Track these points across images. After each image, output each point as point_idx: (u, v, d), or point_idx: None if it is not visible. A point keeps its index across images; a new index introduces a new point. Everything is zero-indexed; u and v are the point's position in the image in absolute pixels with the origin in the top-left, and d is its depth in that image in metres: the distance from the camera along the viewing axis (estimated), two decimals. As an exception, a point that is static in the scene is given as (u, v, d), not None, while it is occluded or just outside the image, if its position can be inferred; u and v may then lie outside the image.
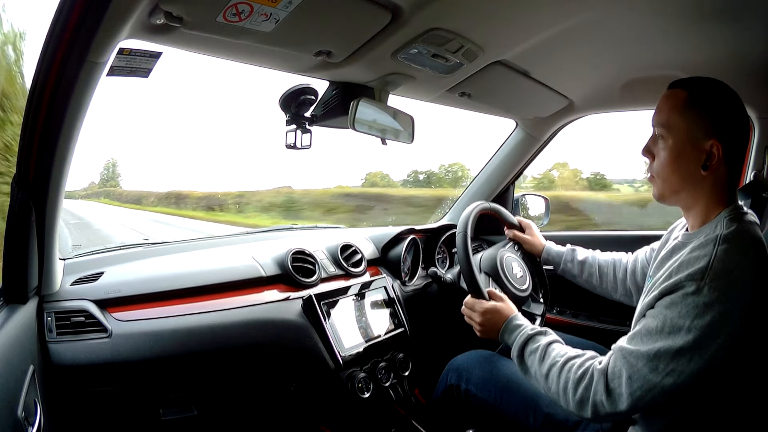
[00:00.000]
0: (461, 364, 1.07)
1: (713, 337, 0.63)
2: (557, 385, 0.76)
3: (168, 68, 0.86)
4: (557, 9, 0.79)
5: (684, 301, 0.65)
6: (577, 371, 0.74)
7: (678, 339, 0.64)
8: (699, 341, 0.63)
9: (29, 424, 0.65)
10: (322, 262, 1.21)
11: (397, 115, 1.07)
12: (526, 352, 0.83)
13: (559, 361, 0.77)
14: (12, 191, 0.73)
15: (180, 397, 0.99)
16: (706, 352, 0.63)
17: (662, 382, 0.64)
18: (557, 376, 0.76)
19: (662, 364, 0.64)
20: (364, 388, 1.11)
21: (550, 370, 0.77)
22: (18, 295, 0.79)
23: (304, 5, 0.65)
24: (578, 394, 0.72)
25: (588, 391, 0.71)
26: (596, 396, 0.70)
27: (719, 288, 0.63)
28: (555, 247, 1.19)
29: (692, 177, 0.72)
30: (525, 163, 1.66)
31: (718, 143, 0.69)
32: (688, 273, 0.66)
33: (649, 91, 1.19)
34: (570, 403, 0.73)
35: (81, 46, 0.58)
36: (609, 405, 0.69)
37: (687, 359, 0.63)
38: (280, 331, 1.04)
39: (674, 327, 0.65)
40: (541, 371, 0.79)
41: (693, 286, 0.64)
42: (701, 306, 0.63)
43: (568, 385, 0.74)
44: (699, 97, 0.72)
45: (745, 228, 0.69)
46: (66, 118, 0.66)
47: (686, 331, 0.63)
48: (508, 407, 0.95)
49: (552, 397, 0.78)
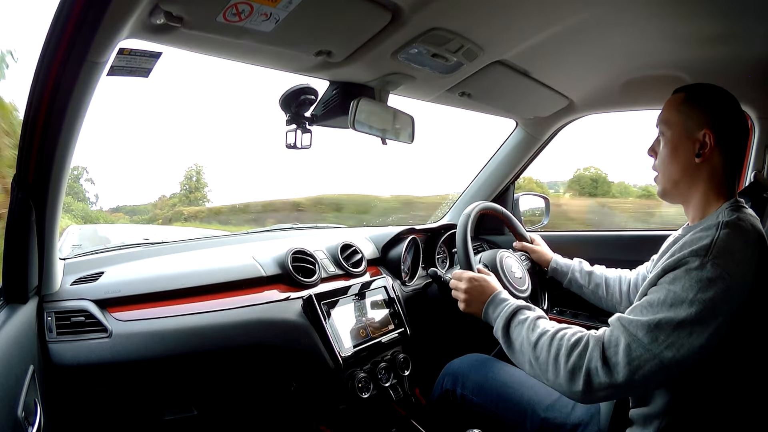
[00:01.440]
0: (457, 368, 1.07)
1: (715, 313, 0.62)
2: (547, 353, 0.72)
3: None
4: (557, 9, 0.79)
5: (687, 275, 0.65)
6: (571, 338, 0.72)
7: (680, 311, 0.63)
8: (701, 315, 0.62)
9: (29, 424, 0.65)
10: (322, 261, 1.21)
11: (397, 115, 1.07)
12: (513, 323, 0.81)
13: (550, 330, 0.75)
14: (12, 191, 0.72)
15: (180, 397, 0.99)
16: (707, 328, 0.62)
17: (662, 354, 0.63)
18: (548, 344, 0.73)
19: (662, 335, 0.64)
20: (365, 388, 1.11)
21: (540, 339, 0.75)
22: (18, 294, 0.79)
23: (304, 5, 0.65)
24: (571, 361, 0.69)
25: (582, 358, 0.68)
26: (591, 363, 0.67)
27: (722, 265, 0.64)
28: (563, 260, 1.20)
29: (688, 166, 0.76)
30: (525, 163, 1.66)
31: (710, 132, 0.74)
32: (692, 249, 0.66)
33: (649, 91, 1.19)
34: (560, 372, 0.70)
35: (81, 45, 0.58)
36: (604, 374, 0.66)
37: (688, 332, 0.63)
38: (280, 331, 1.04)
39: (677, 299, 0.64)
40: (529, 340, 0.76)
41: (696, 261, 0.65)
42: (704, 281, 0.63)
43: (560, 353, 0.71)
44: (695, 95, 0.78)
45: (747, 218, 0.71)
46: (66, 118, 0.66)
47: (689, 303, 0.63)
48: (504, 412, 0.95)
49: (538, 371, 0.74)
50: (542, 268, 1.24)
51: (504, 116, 1.53)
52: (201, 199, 18.65)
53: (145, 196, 24.33)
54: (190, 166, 23.32)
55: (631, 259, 1.17)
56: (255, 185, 38.25)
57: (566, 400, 0.91)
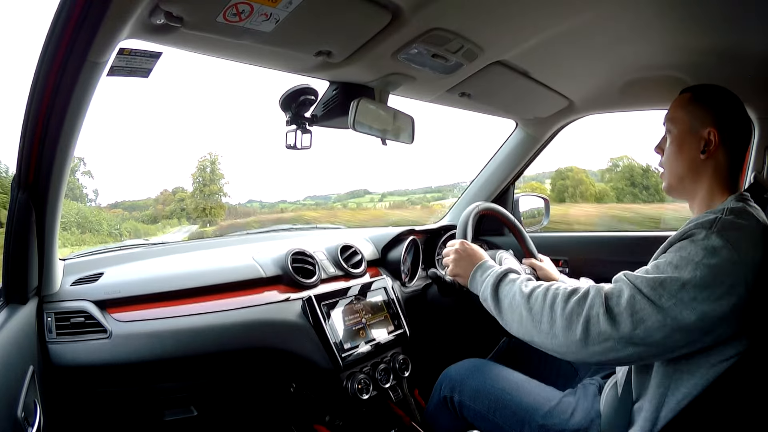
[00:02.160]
0: (454, 375, 1.05)
1: (719, 281, 0.62)
2: (542, 302, 0.70)
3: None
4: (557, 9, 0.79)
5: (693, 244, 0.65)
6: (568, 288, 0.70)
7: (685, 272, 0.63)
8: (705, 279, 0.62)
9: (29, 425, 0.65)
10: (322, 262, 1.21)
11: (397, 116, 1.07)
12: (504, 282, 0.80)
13: (545, 284, 0.74)
14: (12, 191, 0.72)
15: (180, 398, 0.99)
16: (710, 295, 0.62)
17: (665, 310, 0.63)
18: (543, 294, 0.71)
19: (667, 293, 0.63)
20: (364, 389, 1.11)
21: (535, 290, 0.73)
22: (18, 295, 0.79)
23: (304, 5, 0.65)
24: (569, 307, 0.67)
25: (581, 305, 0.66)
26: (592, 310, 0.65)
27: (728, 236, 0.64)
28: (569, 280, 1.19)
29: (693, 162, 0.77)
30: (525, 164, 1.66)
31: (715, 130, 0.75)
32: (697, 223, 0.68)
33: (649, 91, 1.19)
34: (557, 319, 0.68)
35: (81, 46, 0.58)
36: (605, 322, 0.64)
37: (691, 296, 0.62)
38: (280, 332, 1.04)
39: (682, 261, 0.65)
40: (522, 293, 0.74)
41: (702, 232, 0.66)
42: (710, 248, 0.64)
43: (556, 300, 0.69)
44: (701, 95, 0.79)
45: (752, 209, 0.72)
46: (66, 118, 0.66)
47: (694, 266, 0.63)
48: (502, 419, 0.93)
49: (529, 325, 0.72)
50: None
51: (504, 117, 1.53)
52: (217, 193, 16.01)
53: (147, 191, 23.24)
54: (203, 156, 19.35)
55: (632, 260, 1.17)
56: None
57: (565, 406, 0.89)
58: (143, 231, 13.56)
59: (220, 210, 16.33)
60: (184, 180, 19.45)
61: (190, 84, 58.16)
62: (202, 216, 16.16)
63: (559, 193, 12.82)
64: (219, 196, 16.64)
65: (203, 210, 16.22)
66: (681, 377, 0.69)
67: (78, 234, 10.88)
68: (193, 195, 16.38)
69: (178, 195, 16.68)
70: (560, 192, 12.87)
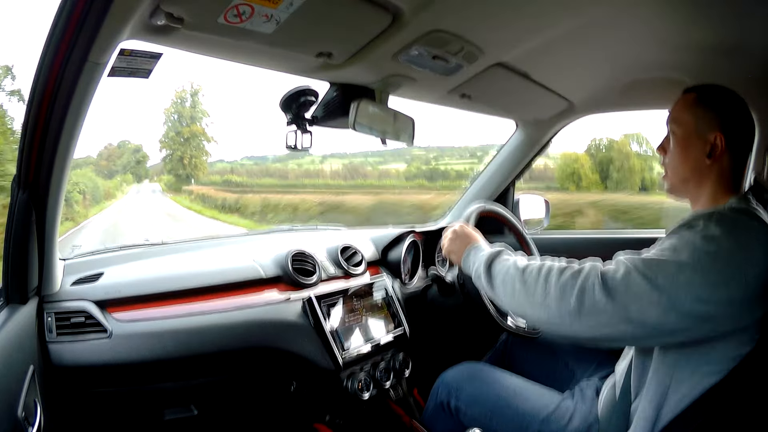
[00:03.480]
0: (451, 380, 1.05)
1: (716, 269, 0.63)
2: (537, 275, 0.70)
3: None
4: (558, 11, 0.79)
5: (692, 231, 0.66)
6: (562, 263, 0.71)
7: (683, 255, 0.64)
8: (702, 263, 0.63)
9: (29, 425, 0.65)
10: (321, 262, 1.21)
11: (397, 117, 1.07)
12: (497, 260, 0.79)
13: (538, 260, 0.74)
14: (12, 191, 0.73)
15: (180, 397, 1.00)
16: (706, 280, 0.62)
17: (661, 288, 0.63)
18: (537, 267, 0.71)
19: (662, 272, 0.64)
20: (364, 388, 1.11)
21: (529, 265, 0.73)
22: (18, 295, 0.79)
23: (305, 7, 0.65)
24: (563, 278, 0.67)
25: (575, 278, 0.66)
26: (587, 281, 0.65)
27: (726, 227, 0.65)
28: None
29: (698, 165, 0.77)
30: (525, 164, 1.66)
31: (722, 135, 0.74)
32: (697, 214, 0.69)
33: (650, 92, 1.20)
34: (550, 291, 0.68)
35: (82, 46, 0.58)
36: (600, 293, 0.64)
37: (688, 277, 0.63)
38: (280, 332, 1.04)
39: (681, 244, 0.65)
40: (516, 267, 0.74)
41: (701, 222, 0.66)
42: (709, 236, 0.64)
43: (551, 272, 0.69)
44: (707, 97, 0.78)
45: (753, 209, 0.72)
46: (67, 118, 0.66)
47: (692, 250, 0.64)
48: (499, 425, 0.93)
49: (522, 297, 0.72)
50: None
51: (504, 117, 1.53)
52: (199, 136, 10.97)
53: (86, 148, 18.36)
54: (181, 87, 12.98)
55: None
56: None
57: (563, 411, 0.89)
58: (102, 187, 11.22)
59: (201, 162, 11.62)
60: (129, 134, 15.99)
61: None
62: (177, 168, 11.28)
63: (602, 165, 11.10)
64: (201, 140, 11.88)
65: (180, 160, 11.33)
66: (681, 377, 0.69)
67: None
68: (165, 139, 11.47)
69: (130, 147, 12.49)
70: (603, 164, 11.06)
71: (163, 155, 11.46)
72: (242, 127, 36.03)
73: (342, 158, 15.25)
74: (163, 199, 11.44)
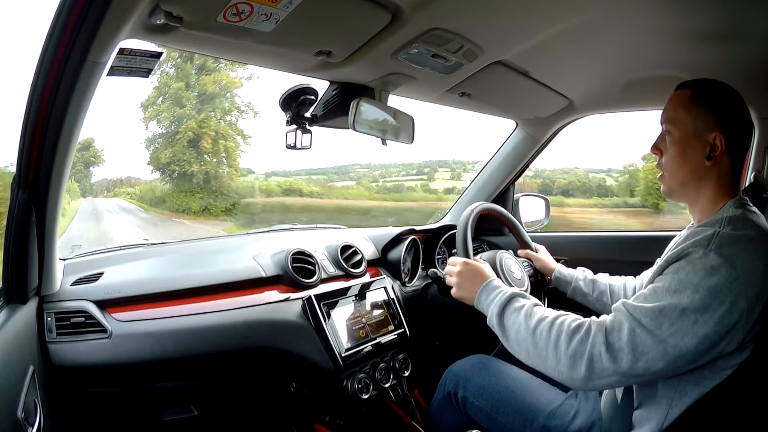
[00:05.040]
0: (459, 370, 1.06)
1: (719, 302, 0.62)
2: (547, 339, 0.70)
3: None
4: (557, 9, 0.79)
5: (691, 264, 0.65)
6: (572, 324, 0.70)
7: (684, 297, 0.63)
8: (705, 302, 0.62)
9: (29, 425, 0.65)
10: (322, 262, 1.21)
11: (397, 116, 1.07)
12: (509, 310, 0.78)
13: (549, 316, 0.73)
14: (12, 191, 0.73)
15: (180, 398, 0.99)
16: (711, 316, 0.62)
17: (666, 341, 0.62)
18: (547, 330, 0.71)
19: (666, 322, 0.63)
20: (364, 388, 1.11)
21: (539, 325, 0.73)
22: (18, 295, 0.79)
23: (304, 5, 0.65)
24: (572, 346, 0.67)
25: (584, 344, 0.67)
26: (594, 348, 0.66)
27: (725, 254, 0.64)
28: (566, 269, 1.20)
29: (698, 168, 0.75)
30: (525, 164, 1.66)
31: (721, 135, 0.72)
32: (695, 241, 0.67)
33: (650, 91, 1.19)
34: (561, 358, 0.68)
35: (81, 45, 0.58)
36: (608, 359, 0.65)
37: (692, 321, 0.62)
38: (280, 332, 1.04)
39: (681, 285, 0.64)
40: (527, 326, 0.74)
41: (700, 251, 0.65)
42: (708, 268, 0.63)
43: (560, 338, 0.69)
44: (703, 94, 0.75)
45: (751, 215, 0.71)
46: (66, 117, 0.66)
47: (693, 290, 0.63)
48: (504, 416, 0.93)
49: (536, 358, 0.72)
50: (545, 277, 1.23)
51: (504, 116, 1.53)
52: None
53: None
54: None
55: (634, 260, 1.17)
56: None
57: (567, 408, 0.90)
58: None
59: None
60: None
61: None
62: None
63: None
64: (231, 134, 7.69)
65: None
66: (686, 388, 0.69)
67: None
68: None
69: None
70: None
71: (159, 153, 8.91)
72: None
73: (286, 176, 14.94)
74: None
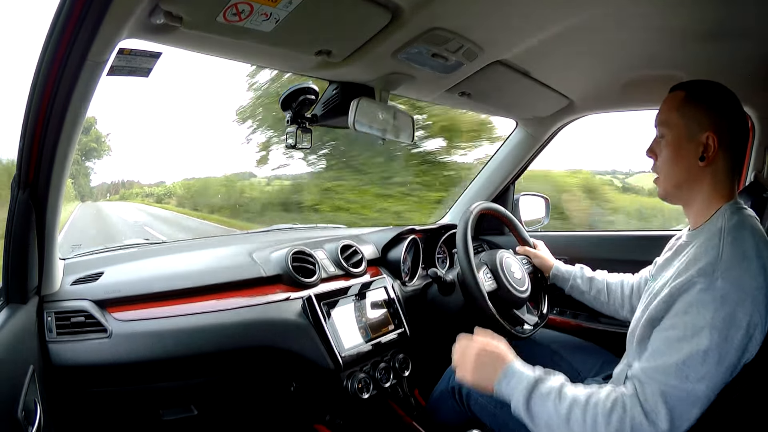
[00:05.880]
0: None
1: (736, 328, 0.62)
2: (583, 425, 0.68)
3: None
4: (557, 9, 0.79)
5: (699, 299, 0.64)
6: (606, 402, 0.68)
7: (703, 340, 0.62)
8: (723, 334, 0.62)
9: (29, 424, 0.65)
10: (322, 262, 1.21)
11: (397, 115, 1.07)
12: (535, 396, 0.73)
13: (580, 397, 0.70)
14: (12, 191, 0.73)
15: (180, 397, 0.99)
16: (732, 344, 0.62)
17: (695, 389, 0.62)
18: (582, 414, 0.68)
19: (692, 371, 0.63)
20: (364, 388, 1.11)
21: (572, 410, 0.69)
22: (18, 295, 0.79)
23: (304, 5, 0.65)
24: (612, 426, 0.66)
25: (623, 422, 0.66)
26: (634, 421, 0.65)
27: (731, 278, 0.63)
28: (564, 266, 1.20)
29: (691, 170, 0.74)
30: (525, 163, 1.66)
31: (714, 135, 0.72)
32: (698, 268, 0.66)
33: (650, 91, 1.19)
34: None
35: (81, 45, 0.58)
36: (649, 426, 0.64)
37: (716, 360, 0.62)
38: (280, 332, 1.04)
39: (696, 328, 0.63)
40: (558, 414, 0.70)
41: (705, 281, 0.64)
42: (718, 299, 0.63)
43: (597, 420, 0.67)
44: (695, 94, 0.75)
45: (747, 220, 0.70)
46: (66, 117, 0.66)
47: (710, 329, 0.62)
48: (508, 414, 0.92)
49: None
50: (543, 274, 1.24)
51: (504, 116, 1.53)
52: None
53: None
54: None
55: (632, 259, 1.17)
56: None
57: None
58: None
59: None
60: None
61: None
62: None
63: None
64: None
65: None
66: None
67: None
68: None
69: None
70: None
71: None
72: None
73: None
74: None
